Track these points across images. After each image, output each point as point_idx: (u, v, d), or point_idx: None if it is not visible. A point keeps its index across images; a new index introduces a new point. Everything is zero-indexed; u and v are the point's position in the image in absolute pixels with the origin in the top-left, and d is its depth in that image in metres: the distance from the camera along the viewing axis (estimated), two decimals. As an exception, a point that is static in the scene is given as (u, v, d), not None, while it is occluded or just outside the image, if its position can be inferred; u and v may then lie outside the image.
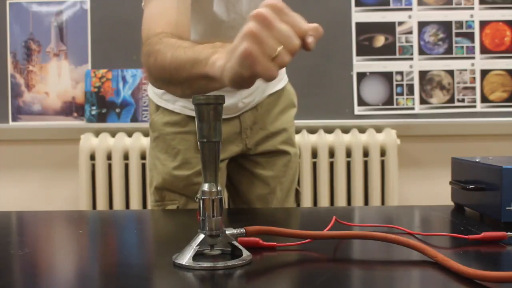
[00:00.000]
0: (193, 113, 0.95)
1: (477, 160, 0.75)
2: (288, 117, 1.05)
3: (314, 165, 1.82)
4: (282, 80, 1.06)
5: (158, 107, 0.99)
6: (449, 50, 1.85)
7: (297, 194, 1.06)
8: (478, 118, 1.84)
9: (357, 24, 1.85)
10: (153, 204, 0.96)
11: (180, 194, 0.94)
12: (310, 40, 0.50)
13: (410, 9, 1.86)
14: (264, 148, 1.01)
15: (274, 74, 0.49)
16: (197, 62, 0.60)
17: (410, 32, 1.85)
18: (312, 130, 1.85)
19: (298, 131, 1.81)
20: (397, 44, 1.86)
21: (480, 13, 1.86)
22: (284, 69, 1.06)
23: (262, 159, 1.01)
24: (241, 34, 0.49)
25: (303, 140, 1.77)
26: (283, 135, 1.03)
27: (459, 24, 1.85)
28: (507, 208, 0.67)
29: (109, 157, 1.79)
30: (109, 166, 1.80)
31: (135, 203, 1.78)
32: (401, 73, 1.86)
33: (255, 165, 1.02)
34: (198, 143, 0.53)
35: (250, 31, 0.49)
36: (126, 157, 1.79)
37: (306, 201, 1.77)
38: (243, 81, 0.50)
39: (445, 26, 1.85)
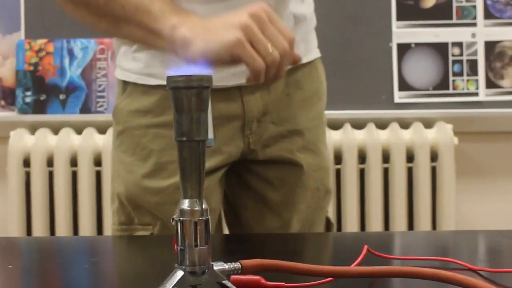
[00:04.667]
0: None
1: None
2: (317, 110, 1.02)
3: (338, 174, 1.82)
4: (308, 51, 1.03)
5: (125, 87, 0.97)
6: (526, 13, 1.86)
7: (329, 226, 1.05)
8: None
9: (398, -24, 1.85)
10: (115, 228, 0.95)
11: (155, 215, 0.92)
12: (298, 53, 0.77)
13: (472, -45, 1.86)
14: (275, 153, 0.97)
15: (260, 69, 0.72)
16: (145, 10, 0.80)
17: (472, -13, 1.86)
18: (335, 125, 1.85)
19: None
20: (454, 4, 1.87)
21: None
22: (313, 34, 1.04)
23: (272, 172, 0.98)
24: (233, 24, 0.73)
25: (322, 138, 1.78)
26: (306, 137, 0.98)
27: (541, -24, 1.86)
28: None
29: (50, 163, 1.80)
30: (50, 174, 1.80)
31: (88, 227, 1.78)
32: (459, 44, 1.87)
33: (261, 182, 0.99)
34: (176, 143, 0.53)
35: (245, 23, 0.72)
36: (73, 162, 1.80)
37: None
38: (217, 61, 0.74)
39: (522, -22, 1.86)
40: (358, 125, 1.85)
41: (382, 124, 1.85)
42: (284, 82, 0.96)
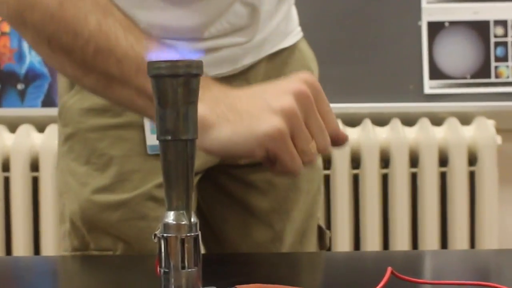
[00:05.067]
0: None
1: None
2: None
3: (356, 180, 1.82)
4: (291, 32, 1.05)
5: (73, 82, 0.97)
6: None
7: (321, 234, 1.06)
8: None
9: None
10: (67, 254, 0.95)
11: (116, 236, 0.92)
12: (343, 138, 0.71)
13: None
14: None
15: (298, 170, 0.67)
16: (143, 69, 0.61)
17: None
18: (352, 121, 1.86)
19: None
20: (497, -26, 1.87)
21: None
22: (293, 11, 1.05)
23: (257, 175, 0.98)
24: (273, 108, 0.66)
25: (337, 137, 1.78)
26: None
27: None
28: None
29: (5, 167, 1.80)
30: (6, 181, 1.80)
31: (51, 244, 1.78)
32: (503, 23, 1.87)
33: (244, 188, 0.99)
34: (158, 143, 0.53)
35: (290, 108, 0.66)
36: (34, 166, 1.80)
37: (342, 241, 1.78)
38: (245, 156, 0.71)
39: None
40: (380, 121, 1.85)
41: (409, 120, 1.85)
42: (264, 69, 0.97)
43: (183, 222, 0.53)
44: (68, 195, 0.94)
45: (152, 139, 0.90)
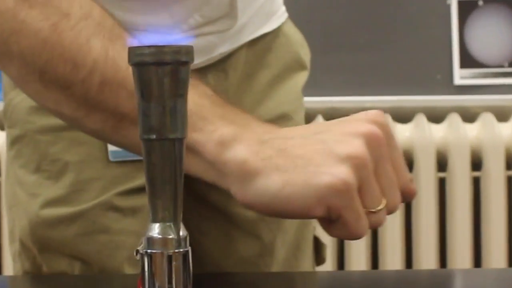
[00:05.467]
0: None
1: None
2: (290, 90, 1.03)
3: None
4: (274, 14, 1.05)
5: None
6: None
7: (318, 246, 1.06)
8: None
9: None
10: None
11: (72, 256, 0.92)
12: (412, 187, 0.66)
13: None
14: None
15: (363, 234, 0.62)
16: None
17: None
18: (369, 117, 1.85)
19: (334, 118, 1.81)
20: None
21: None
22: None
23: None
24: (339, 154, 0.61)
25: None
26: (282, 126, 1.01)
27: None
28: None
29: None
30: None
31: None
32: (547, 1, 1.87)
33: (227, 194, 0.99)
34: (141, 142, 0.54)
35: (360, 155, 0.60)
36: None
37: (356, 259, 1.78)
38: (301, 214, 0.62)
39: None
40: (402, 117, 1.86)
41: (436, 116, 1.85)
42: (244, 58, 0.97)
43: (171, 236, 0.53)
44: (17, 208, 0.94)
45: None
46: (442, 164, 1.82)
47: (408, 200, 0.66)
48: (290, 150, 0.63)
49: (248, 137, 0.64)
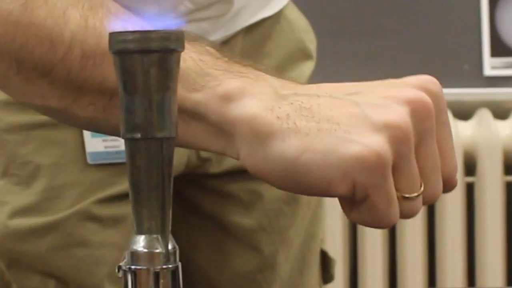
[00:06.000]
0: None
1: None
2: (298, 78, 1.05)
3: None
4: None
5: None
6: None
7: (325, 261, 1.06)
8: None
9: None
10: None
11: (45, 273, 0.93)
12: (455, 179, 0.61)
13: None
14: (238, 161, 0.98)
15: (391, 222, 0.57)
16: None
17: None
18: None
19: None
20: None
21: None
22: None
23: (239, 184, 1.01)
24: (374, 119, 0.56)
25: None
26: None
27: None
28: None
29: None
30: None
31: None
32: None
33: (221, 201, 1.01)
34: (125, 143, 0.54)
35: (402, 125, 0.55)
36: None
37: (370, 277, 1.78)
38: (304, 181, 0.57)
39: None
40: (425, 112, 1.86)
41: (464, 111, 1.86)
42: (240, 46, 0.98)
43: (158, 250, 0.53)
44: None
45: (93, 144, 0.90)
46: (470, 166, 1.82)
47: (446, 192, 0.61)
48: (315, 109, 0.58)
49: (261, 90, 0.60)
